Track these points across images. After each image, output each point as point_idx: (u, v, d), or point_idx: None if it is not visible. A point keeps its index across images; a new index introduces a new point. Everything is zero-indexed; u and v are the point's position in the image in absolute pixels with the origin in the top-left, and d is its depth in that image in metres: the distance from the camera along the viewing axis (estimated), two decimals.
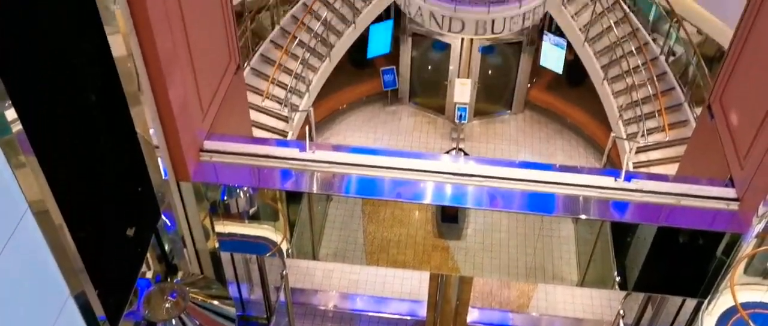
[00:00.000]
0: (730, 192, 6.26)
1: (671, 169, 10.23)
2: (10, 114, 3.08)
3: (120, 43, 4.26)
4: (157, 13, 4.77)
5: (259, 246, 7.44)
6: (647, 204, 6.21)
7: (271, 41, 12.85)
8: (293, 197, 6.80)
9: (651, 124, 11.60)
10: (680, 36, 12.62)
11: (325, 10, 12.81)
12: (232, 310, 5.93)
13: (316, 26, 12.62)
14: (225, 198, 6.74)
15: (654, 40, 13.04)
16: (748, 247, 5.66)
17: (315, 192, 6.48)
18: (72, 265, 3.70)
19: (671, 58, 12.88)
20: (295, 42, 12.52)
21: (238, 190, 6.72)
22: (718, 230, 6.14)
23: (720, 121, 6.82)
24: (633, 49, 12.42)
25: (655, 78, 11.96)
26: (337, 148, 6.76)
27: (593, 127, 14.23)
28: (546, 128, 15.03)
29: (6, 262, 3.11)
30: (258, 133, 11.04)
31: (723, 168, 6.52)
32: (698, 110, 11.15)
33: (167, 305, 5.50)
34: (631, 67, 12.17)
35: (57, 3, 3.54)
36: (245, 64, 12.09)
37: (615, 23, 12.64)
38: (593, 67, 12.82)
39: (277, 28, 13.02)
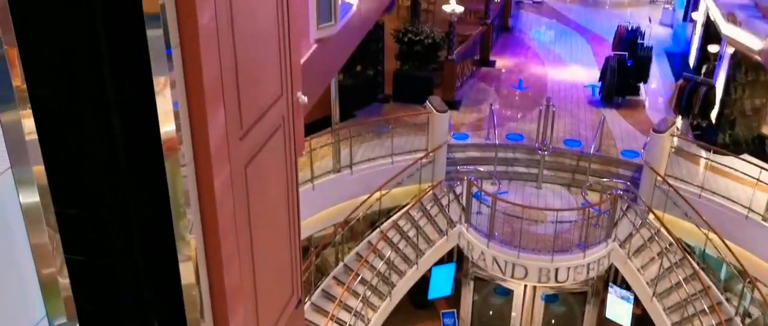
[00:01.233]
0: None
1: None
2: None
3: (190, 270, 4.34)
4: (229, 245, 4.91)
5: None
6: None
7: (334, 277, 12.98)
8: None
9: None
10: (755, 297, 12.14)
11: (389, 250, 13.01)
12: None
13: (379, 265, 12.76)
14: None
15: (727, 299, 12.55)
16: None
17: None
18: None
19: (747, 320, 12.28)
20: (358, 279, 12.60)
21: None
22: None
23: None
24: (705, 308, 11.92)
25: None
26: None
27: None
28: None
29: None
30: None
31: None
32: None
33: None
34: None
35: (134, 236, 3.70)
36: (306, 299, 12.13)
37: (684, 279, 12.31)
38: (663, 324, 12.29)
39: (340, 264, 13.22)
